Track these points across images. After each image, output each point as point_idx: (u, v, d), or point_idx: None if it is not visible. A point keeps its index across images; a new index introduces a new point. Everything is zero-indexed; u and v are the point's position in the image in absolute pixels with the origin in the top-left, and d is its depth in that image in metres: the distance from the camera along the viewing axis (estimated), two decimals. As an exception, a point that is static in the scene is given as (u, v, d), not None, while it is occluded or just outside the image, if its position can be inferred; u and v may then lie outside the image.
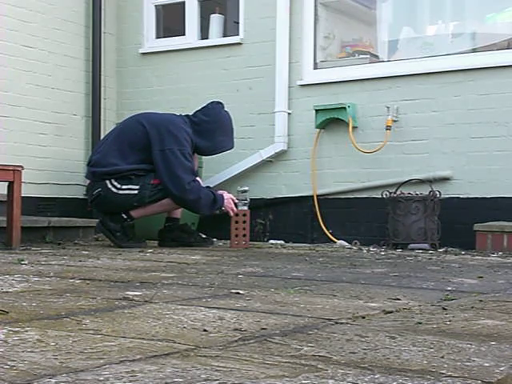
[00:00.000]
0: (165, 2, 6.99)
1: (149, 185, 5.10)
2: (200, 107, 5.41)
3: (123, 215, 5.15)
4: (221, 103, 5.40)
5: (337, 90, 6.11)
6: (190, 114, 5.38)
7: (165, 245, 5.29)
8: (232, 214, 5.30)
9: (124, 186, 5.10)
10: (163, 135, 5.10)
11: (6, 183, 4.80)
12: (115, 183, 5.12)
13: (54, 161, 6.44)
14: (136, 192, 5.09)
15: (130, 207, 5.14)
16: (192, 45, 6.73)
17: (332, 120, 6.02)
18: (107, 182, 5.13)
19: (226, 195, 5.27)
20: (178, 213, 5.41)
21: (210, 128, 5.28)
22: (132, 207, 5.14)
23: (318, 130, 6.10)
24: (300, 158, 6.24)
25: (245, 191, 5.41)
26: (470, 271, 3.61)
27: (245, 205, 5.37)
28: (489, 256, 4.80)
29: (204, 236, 5.52)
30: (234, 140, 5.49)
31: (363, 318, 2.01)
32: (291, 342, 1.63)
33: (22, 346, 1.52)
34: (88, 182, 5.37)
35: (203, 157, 5.93)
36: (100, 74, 6.76)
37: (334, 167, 6.11)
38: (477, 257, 4.72)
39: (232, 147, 5.45)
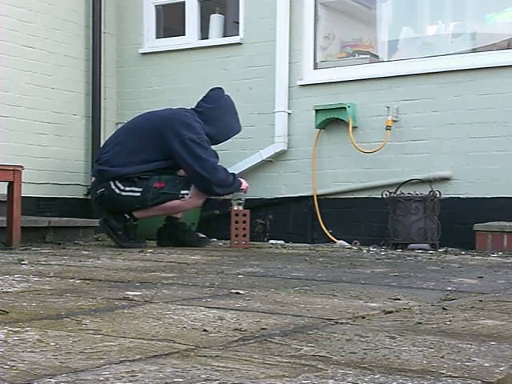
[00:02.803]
0: (165, 1, 6.99)
1: (151, 188, 5.10)
2: (201, 97, 5.42)
3: (126, 215, 5.15)
4: (221, 88, 5.41)
5: (337, 90, 6.11)
6: (193, 106, 5.39)
7: (163, 244, 5.28)
8: (246, 187, 5.35)
9: (127, 188, 5.10)
10: (177, 127, 5.11)
11: (6, 183, 4.80)
12: (119, 184, 5.12)
13: (54, 161, 6.43)
14: (138, 194, 5.09)
15: (132, 209, 5.14)
16: (192, 45, 6.73)
17: (332, 120, 6.02)
18: (111, 182, 5.13)
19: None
20: (179, 213, 5.41)
21: (216, 114, 5.30)
22: (134, 209, 5.14)
23: (317, 129, 6.10)
24: (300, 157, 6.24)
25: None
26: (470, 271, 3.61)
27: (239, 204, 5.35)
28: (489, 256, 4.80)
29: (202, 235, 5.51)
30: (235, 139, 5.50)
31: (363, 317, 2.01)
32: (291, 341, 1.62)
33: (22, 346, 1.52)
34: (92, 179, 5.36)
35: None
36: (100, 74, 6.76)
37: (334, 167, 6.11)
38: (477, 257, 4.72)
39: (240, 129, 5.46)
